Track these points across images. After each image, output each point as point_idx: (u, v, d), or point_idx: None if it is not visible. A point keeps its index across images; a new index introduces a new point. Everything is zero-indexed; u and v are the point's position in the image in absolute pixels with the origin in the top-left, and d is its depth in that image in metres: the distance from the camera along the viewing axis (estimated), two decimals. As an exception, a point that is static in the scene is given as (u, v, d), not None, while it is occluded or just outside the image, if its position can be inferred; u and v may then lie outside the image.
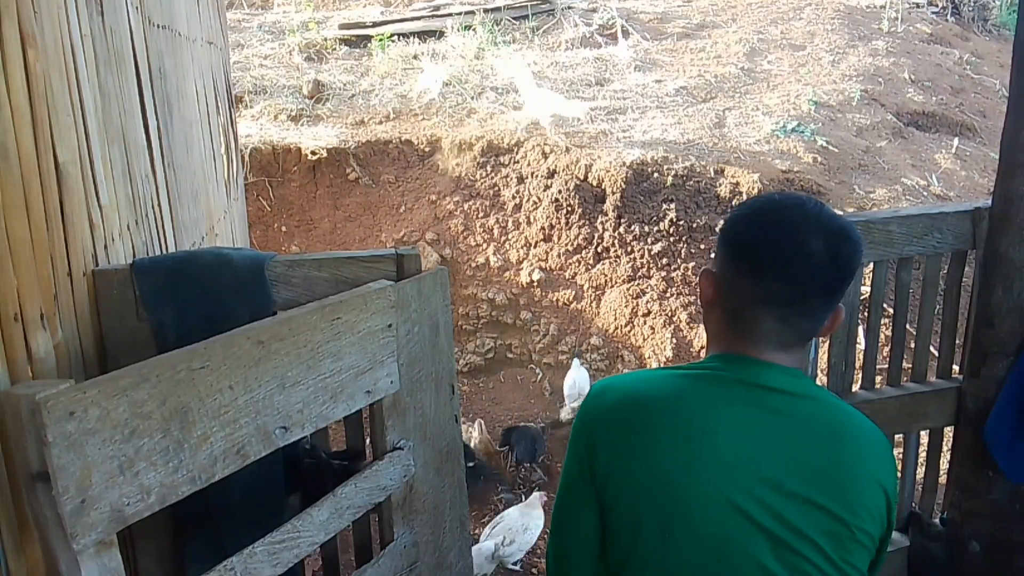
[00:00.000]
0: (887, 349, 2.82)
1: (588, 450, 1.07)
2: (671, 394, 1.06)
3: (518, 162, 4.67)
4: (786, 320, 1.05)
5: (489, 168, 4.69)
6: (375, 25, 6.41)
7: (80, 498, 1.03)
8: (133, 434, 1.09)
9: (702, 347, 4.12)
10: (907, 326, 2.24)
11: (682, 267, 4.27)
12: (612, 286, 4.36)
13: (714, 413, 1.03)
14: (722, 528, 1.00)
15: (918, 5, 7.01)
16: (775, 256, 1.04)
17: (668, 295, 4.24)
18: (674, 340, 4.16)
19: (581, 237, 4.41)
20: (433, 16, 6.51)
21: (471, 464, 3.46)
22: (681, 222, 4.31)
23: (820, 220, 1.04)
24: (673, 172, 4.36)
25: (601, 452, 1.06)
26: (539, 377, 4.37)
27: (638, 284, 4.30)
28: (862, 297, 2.21)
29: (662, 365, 4.16)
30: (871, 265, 2.11)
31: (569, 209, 4.43)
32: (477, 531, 3.22)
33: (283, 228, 4.70)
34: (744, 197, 4.26)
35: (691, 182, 4.35)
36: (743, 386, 1.04)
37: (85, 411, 1.03)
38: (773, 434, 1.01)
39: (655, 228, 4.33)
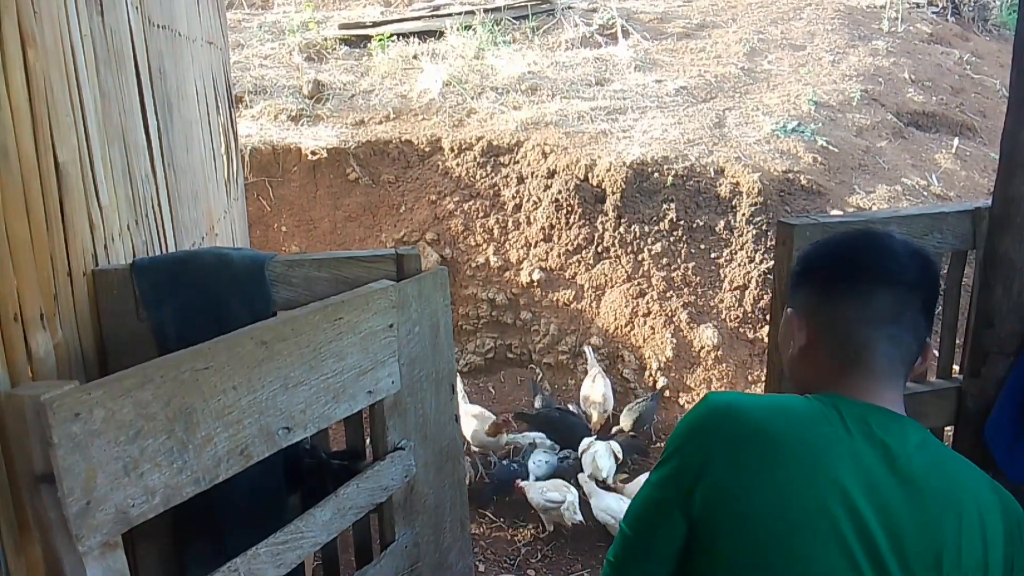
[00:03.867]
0: (887, 349, 2.82)
1: (698, 467, 0.98)
2: (801, 436, 0.98)
3: (518, 162, 4.66)
4: (894, 339, 1.00)
5: (489, 168, 4.69)
6: (375, 25, 6.41)
7: (85, 499, 1.02)
8: (138, 435, 1.09)
9: (702, 347, 4.12)
10: (908, 326, 2.24)
11: (682, 267, 4.27)
12: (612, 286, 4.36)
13: (843, 464, 0.96)
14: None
15: (918, 5, 7.01)
16: (874, 265, 1.02)
17: (668, 295, 4.24)
18: (674, 340, 4.16)
19: (581, 237, 4.41)
20: (433, 16, 6.50)
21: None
22: (681, 222, 4.31)
23: (895, 236, 1.06)
24: (673, 172, 4.36)
25: (713, 476, 0.97)
26: (539, 377, 4.37)
27: (638, 284, 4.30)
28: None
29: (661, 366, 4.16)
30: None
31: (569, 209, 4.43)
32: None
33: (283, 228, 4.70)
34: (744, 197, 4.27)
35: (691, 182, 4.35)
36: (870, 441, 0.97)
37: (90, 412, 1.03)
38: (897, 500, 0.95)
39: (655, 228, 4.33)
